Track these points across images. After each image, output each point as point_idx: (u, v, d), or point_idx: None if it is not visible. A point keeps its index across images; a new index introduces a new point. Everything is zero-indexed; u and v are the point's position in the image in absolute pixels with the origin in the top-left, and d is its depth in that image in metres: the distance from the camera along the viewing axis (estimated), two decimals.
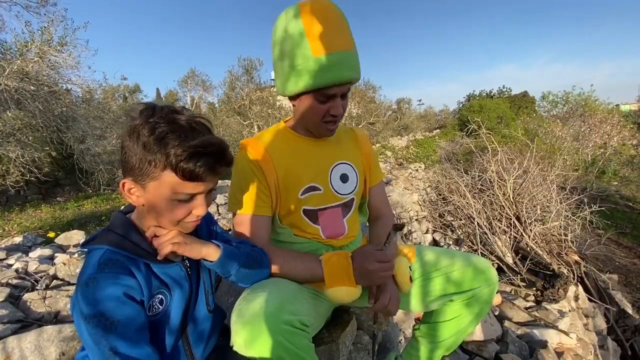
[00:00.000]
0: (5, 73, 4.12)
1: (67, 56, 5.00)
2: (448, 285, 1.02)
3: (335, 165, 1.03)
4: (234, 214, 0.97)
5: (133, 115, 0.64)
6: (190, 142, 0.61)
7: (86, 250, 0.67)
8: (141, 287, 0.65)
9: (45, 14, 4.89)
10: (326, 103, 0.89)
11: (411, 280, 0.98)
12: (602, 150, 9.74)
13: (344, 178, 1.04)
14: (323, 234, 1.02)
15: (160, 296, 0.69)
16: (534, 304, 3.10)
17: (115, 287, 0.60)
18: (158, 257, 0.68)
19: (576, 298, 3.60)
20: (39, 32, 4.74)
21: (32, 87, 4.53)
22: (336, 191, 1.02)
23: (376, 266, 0.85)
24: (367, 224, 1.25)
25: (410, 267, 0.99)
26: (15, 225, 6.27)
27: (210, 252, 0.74)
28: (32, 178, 5.16)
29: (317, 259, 0.91)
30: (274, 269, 0.90)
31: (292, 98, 0.96)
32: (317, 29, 0.82)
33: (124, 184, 0.66)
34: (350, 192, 1.05)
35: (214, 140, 0.65)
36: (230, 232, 1.01)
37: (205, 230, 0.85)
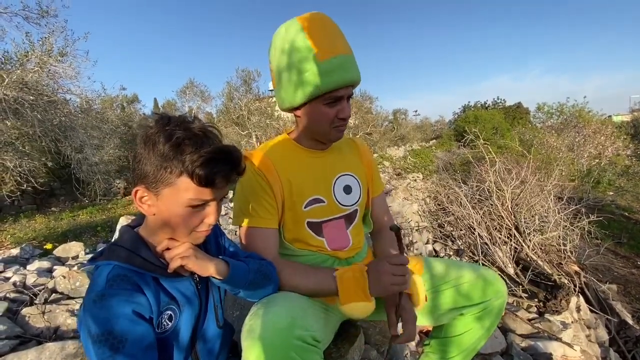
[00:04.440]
0: (4, 83, 4.12)
1: (67, 66, 5.02)
2: (458, 298, 1.01)
3: (339, 177, 1.03)
4: (240, 227, 0.95)
5: (148, 124, 0.64)
6: (207, 149, 0.62)
7: (93, 266, 0.65)
8: (150, 305, 0.63)
9: (45, 25, 4.93)
10: (334, 107, 0.92)
11: (425, 298, 0.96)
12: (597, 160, 9.85)
13: (347, 189, 1.04)
14: (328, 247, 1.01)
15: (169, 312, 0.68)
16: (536, 315, 3.08)
17: (124, 304, 0.59)
18: (168, 270, 0.67)
19: (578, 309, 3.58)
20: (39, 42, 4.77)
21: (31, 97, 4.52)
22: (340, 203, 1.02)
23: (389, 275, 0.83)
24: (370, 236, 1.24)
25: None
26: (9, 236, 6.16)
27: (219, 270, 0.71)
28: (29, 188, 5.10)
29: (330, 273, 0.89)
30: (284, 283, 0.88)
31: (297, 109, 0.96)
32: (319, 36, 0.87)
33: (136, 192, 0.65)
34: (354, 204, 1.05)
35: (229, 148, 0.65)
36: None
37: (214, 244, 0.83)
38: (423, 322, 1.07)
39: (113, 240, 0.71)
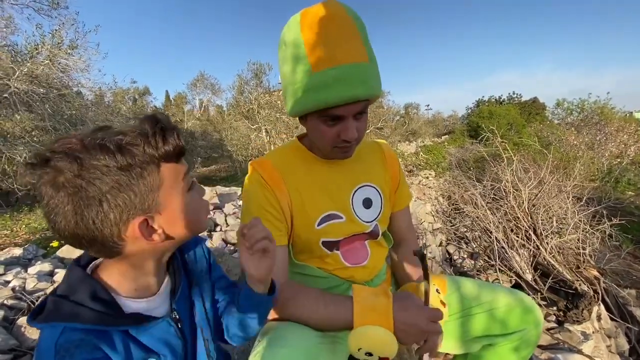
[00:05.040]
0: (15, 76, 4.11)
1: (77, 59, 5.00)
2: (492, 324, 0.90)
3: (358, 189, 0.91)
4: None
5: (60, 167, 0.45)
6: (141, 126, 0.50)
7: (38, 327, 0.49)
8: None
9: (56, 17, 4.92)
10: (335, 126, 0.76)
11: (444, 304, 0.84)
12: (618, 160, 9.47)
13: (367, 203, 0.92)
14: (344, 261, 0.90)
15: None
16: (555, 324, 2.94)
17: None
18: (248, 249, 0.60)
19: (598, 317, 3.42)
20: (50, 35, 4.75)
21: (41, 90, 4.52)
22: (360, 218, 0.90)
23: (430, 326, 0.70)
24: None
25: (437, 289, 0.86)
26: (24, 226, 6.28)
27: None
28: None
29: (345, 296, 0.78)
30: (291, 312, 0.78)
31: (301, 118, 0.83)
32: (317, 39, 0.70)
33: (139, 226, 0.49)
34: (374, 219, 0.93)
35: (156, 114, 0.54)
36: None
37: (206, 262, 0.73)
38: (448, 348, 0.97)
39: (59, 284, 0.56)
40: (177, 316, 0.62)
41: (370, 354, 0.70)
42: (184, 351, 0.62)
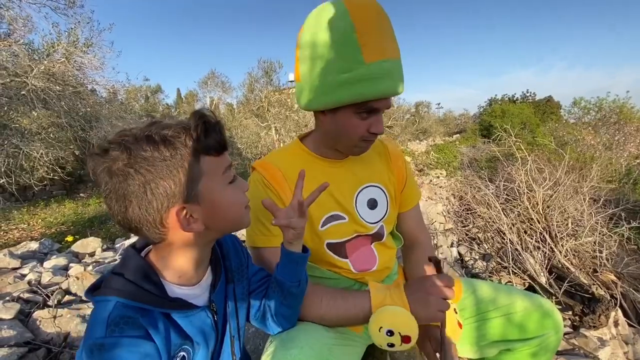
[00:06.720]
0: (33, 73, 4.20)
1: (92, 57, 5.09)
2: (509, 329, 0.87)
3: (362, 189, 0.89)
4: (253, 248, 0.84)
5: (114, 154, 0.50)
6: (187, 121, 0.54)
7: (94, 300, 0.54)
8: (159, 353, 0.52)
9: (72, 16, 5.00)
10: (367, 119, 0.76)
11: (460, 325, 0.83)
12: (637, 160, 9.17)
13: (372, 204, 0.90)
14: (353, 268, 0.88)
15: (182, 353, 0.57)
16: (570, 329, 2.86)
17: (127, 356, 0.48)
18: (272, 223, 0.67)
19: (616, 323, 3.33)
20: (66, 33, 4.84)
21: (58, 87, 4.61)
22: (363, 219, 0.88)
23: (438, 298, 0.71)
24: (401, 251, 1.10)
25: (455, 309, 0.84)
26: (40, 220, 6.46)
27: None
28: (56, 177, 5.27)
29: (362, 292, 0.77)
30: (307, 312, 0.76)
31: (321, 112, 0.80)
32: (370, 30, 0.69)
33: (177, 214, 0.52)
34: (379, 220, 0.91)
35: (202, 110, 0.57)
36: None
37: (234, 257, 0.73)
38: (463, 353, 0.94)
39: (116, 263, 0.62)
40: (215, 308, 0.64)
41: (391, 334, 0.69)
42: (215, 343, 0.64)
